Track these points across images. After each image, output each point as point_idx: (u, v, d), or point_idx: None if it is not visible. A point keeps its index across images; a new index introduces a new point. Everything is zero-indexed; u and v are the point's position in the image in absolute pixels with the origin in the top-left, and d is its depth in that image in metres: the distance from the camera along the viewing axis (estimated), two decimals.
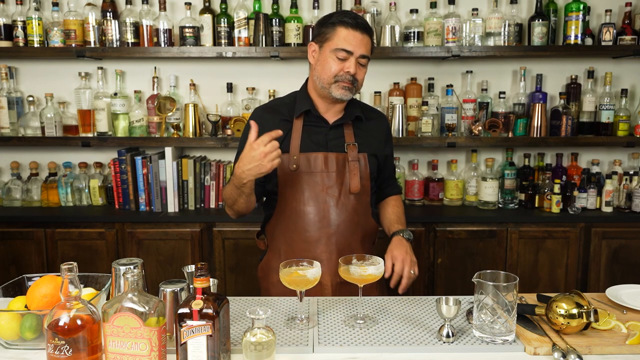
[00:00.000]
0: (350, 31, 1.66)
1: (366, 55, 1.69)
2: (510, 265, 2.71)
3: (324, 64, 1.69)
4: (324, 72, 1.70)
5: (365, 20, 1.71)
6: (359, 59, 1.68)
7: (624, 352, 1.24)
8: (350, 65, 1.67)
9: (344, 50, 1.66)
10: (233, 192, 1.68)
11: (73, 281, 1.08)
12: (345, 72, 1.67)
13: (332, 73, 1.68)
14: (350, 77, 1.68)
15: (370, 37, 1.71)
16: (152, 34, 2.83)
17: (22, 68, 3.01)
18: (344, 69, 1.67)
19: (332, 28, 1.68)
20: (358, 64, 1.69)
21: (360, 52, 1.67)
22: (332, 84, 1.69)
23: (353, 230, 1.73)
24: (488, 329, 1.28)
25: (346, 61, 1.67)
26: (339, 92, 1.69)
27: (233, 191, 1.68)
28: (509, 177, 2.91)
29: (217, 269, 2.72)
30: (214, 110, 3.01)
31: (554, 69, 3.01)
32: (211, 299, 1.12)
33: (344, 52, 1.66)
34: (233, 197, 1.70)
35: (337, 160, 1.72)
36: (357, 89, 1.73)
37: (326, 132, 1.76)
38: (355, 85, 1.70)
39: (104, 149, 3.03)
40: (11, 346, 1.28)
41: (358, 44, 1.66)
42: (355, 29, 1.66)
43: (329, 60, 1.68)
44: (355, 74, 1.68)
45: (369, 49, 1.70)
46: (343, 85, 1.68)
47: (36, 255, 2.70)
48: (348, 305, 1.53)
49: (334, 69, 1.67)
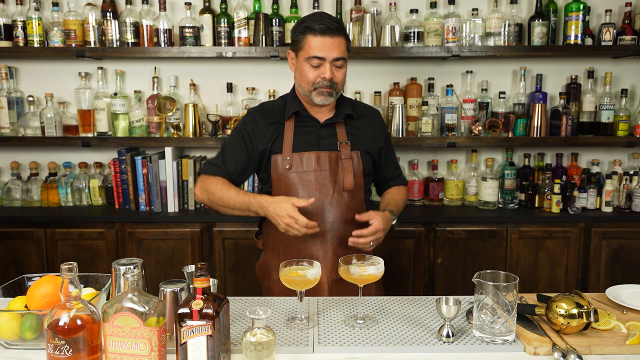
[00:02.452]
0: (319, 38, 1.67)
1: (340, 57, 1.70)
2: (510, 265, 2.71)
3: (301, 73, 1.73)
4: (302, 80, 1.73)
5: (336, 21, 1.71)
6: (333, 62, 1.69)
7: (624, 352, 1.24)
8: (325, 71, 1.69)
9: (316, 58, 1.68)
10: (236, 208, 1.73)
11: (73, 281, 1.08)
12: (321, 78, 1.69)
13: (309, 81, 1.71)
14: (327, 82, 1.69)
15: (344, 36, 1.71)
16: (152, 34, 2.83)
17: (22, 68, 3.01)
18: (320, 76, 1.69)
19: (303, 36, 1.71)
20: (334, 67, 1.70)
21: (333, 56, 1.68)
22: (312, 91, 1.72)
23: (348, 226, 1.74)
24: (488, 329, 1.28)
25: (320, 67, 1.69)
26: (319, 98, 1.72)
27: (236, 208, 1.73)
28: (509, 177, 2.91)
29: (217, 269, 2.72)
30: (214, 110, 3.01)
31: (554, 69, 3.01)
32: (211, 299, 1.12)
33: (317, 60, 1.68)
34: (230, 207, 1.75)
35: (330, 159, 1.74)
36: (337, 91, 1.74)
37: (317, 131, 1.78)
38: (334, 88, 1.72)
39: (104, 149, 3.03)
40: (11, 346, 1.28)
41: (329, 49, 1.67)
42: (324, 34, 1.67)
43: (304, 68, 1.71)
44: (332, 78, 1.69)
45: (343, 49, 1.71)
46: (321, 92, 1.71)
47: (36, 255, 2.70)
48: (348, 305, 1.53)
49: (310, 77, 1.70)
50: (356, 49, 2.76)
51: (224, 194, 1.75)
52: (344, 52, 1.71)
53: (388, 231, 1.74)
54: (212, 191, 1.76)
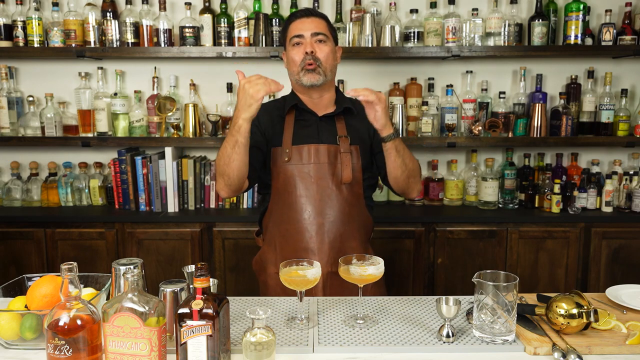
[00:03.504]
0: (298, 20, 1.77)
1: (319, 32, 1.75)
2: (510, 265, 2.71)
3: (289, 59, 1.79)
4: (290, 65, 1.79)
5: (316, 10, 1.82)
6: (313, 37, 1.74)
7: (624, 352, 1.24)
8: (306, 46, 1.74)
9: (296, 36, 1.75)
10: (228, 144, 1.63)
11: (73, 281, 1.08)
12: (304, 54, 1.73)
13: (295, 62, 1.76)
14: (310, 56, 1.73)
15: (323, 19, 1.79)
16: (152, 34, 2.83)
17: (22, 68, 3.01)
18: (302, 52, 1.74)
19: (286, 28, 1.81)
20: (316, 42, 1.75)
21: (311, 31, 1.74)
22: (300, 72, 1.76)
23: (345, 220, 1.75)
24: (488, 329, 1.28)
25: (302, 45, 1.75)
26: (306, 77, 1.75)
27: (228, 143, 1.63)
28: (509, 177, 2.91)
29: (217, 269, 2.72)
30: (214, 110, 3.01)
31: (554, 69, 3.01)
32: (211, 299, 1.12)
33: (296, 38, 1.75)
34: (227, 153, 1.64)
35: (329, 152, 1.75)
36: (325, 71, 1.75)
37: (317, 124, 1.80)
38: (319, 64, 1.74)
39: (104, 149, 3.03)
40: (11, 346, 1.28)
41: (307, 26, 1.75)
42: (302, 17, 1.77)
43: (290, 53, 1.78)
44: (314, 52, 1.73)
45: (322, 27, 1.77)
46: (307, 69, 1.74)
47: (36, 255, 2.70)
48: (348, 305, 1.53)
49: (296, 57, 1.76)
50: (356, 49, 2.76)
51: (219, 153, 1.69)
52: (324, 29, 1.77)
53: (389, 134, 1.65)
54: (217, 163, 1.71)
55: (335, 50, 1.82)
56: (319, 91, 1.80)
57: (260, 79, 1.54)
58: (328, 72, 1.77)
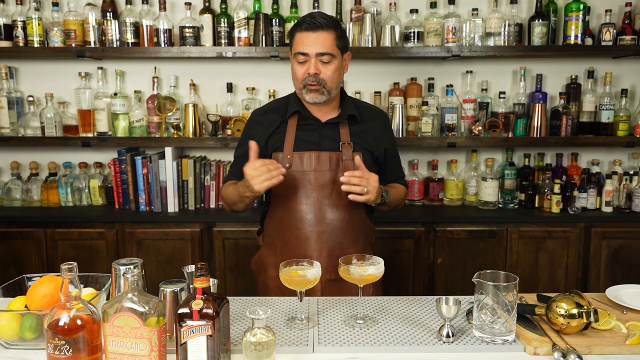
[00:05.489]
0: (304, 34, 1.68)
1: (325, 52, 1.68)
2: (510, 265, 2.71)
3: (293, 72, 1.75)
4: (294, 79, 1.76)
5: (325, 17, 1.70)
6: (318, 57, 1.68)
7: (624, 352, 1.24)
8: (310, 66, 1.69)
9: (300, 54, 1.69)
10: (234, 196, 1.74)
11: (73, 281, 1.08)
12: (307, 74, 1.69)
13: (298, 78, 1.73)
14: (313, 78, 1.68)
15: (331, 32, 1.69)
16: (152, 34, 2.83)
17: (22, 68, 3.01)
18: (306, 72, 1.70)
19: (292, 35, 1.73)
20: (320, 63, 1.69)
21: (316, 51, 1.68)
22: (302, 89, 1.72)
23: (345, 228, 1.74)
24: (488, 329, 1.28)
25: (306, 63, 1.70)
26: (308, 96, 1.72)
27: (234, 195, 1.74)
28: (509, 177, 2.91)
29: (217, 269, 2.72)
30: (214, 110, 3.01)
31: (554, 69, 3.01)
32: (211, 299, 1.12)
33: (301, 55, 1.69)
34: (232, 200, 1.77)
35: (330, 159, 1.74)
36: (328, 89, 1.72)
37: (319, 131, 1.78)
38: (323, 85, 1.70)
39: (104, 149, 3.03)
40: (11, 346, 1.28)
41: (312, 44, 1.67)
42: (309, 30, 1.67)
43: (294, 66, 1.74)
44: (318, 74, 1.68)
45: (329, 45, 1.68)
46: (310, 89, 1.71)
47: (36, 255, 2.70)
48: (348, 305, 1.53)
49: (298, 74, 1.72)
50: (356, 49, 2.76)
51: (228, 194, 1.79)
52: (331, 47, 1.68)
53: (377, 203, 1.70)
54: (224, 197, 1.83)
55: (342, 64, 1.75)
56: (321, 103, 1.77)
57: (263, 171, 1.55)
58: (333, 90, 1.74)
